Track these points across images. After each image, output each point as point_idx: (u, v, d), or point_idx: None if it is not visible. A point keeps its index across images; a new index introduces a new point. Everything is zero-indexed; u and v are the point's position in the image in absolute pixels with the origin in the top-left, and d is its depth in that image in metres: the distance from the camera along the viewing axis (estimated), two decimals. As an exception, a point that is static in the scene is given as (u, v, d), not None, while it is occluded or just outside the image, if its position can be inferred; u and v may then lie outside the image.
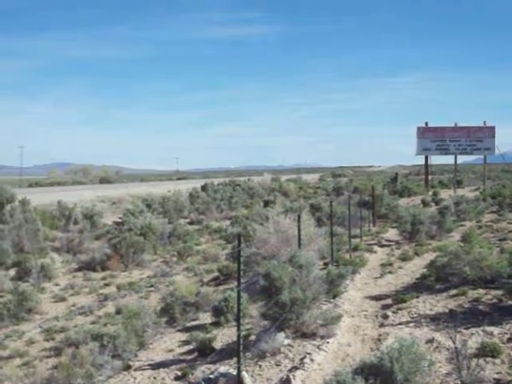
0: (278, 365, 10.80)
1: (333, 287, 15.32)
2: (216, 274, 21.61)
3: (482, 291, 14.08)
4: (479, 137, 54.30)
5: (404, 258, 20.41)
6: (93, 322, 17.06)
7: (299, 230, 15.35)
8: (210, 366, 11.23)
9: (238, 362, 9.70)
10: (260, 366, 10.78)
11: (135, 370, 12.13)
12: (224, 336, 13.35)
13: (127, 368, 12.33)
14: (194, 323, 15.35)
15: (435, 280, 15.76)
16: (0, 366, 14.36)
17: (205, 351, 12.26)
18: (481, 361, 9.32)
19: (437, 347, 10.82)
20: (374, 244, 24.93)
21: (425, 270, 17.36)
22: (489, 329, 11.42)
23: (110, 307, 18.76)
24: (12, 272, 23.97)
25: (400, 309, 13.85)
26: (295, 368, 10.33)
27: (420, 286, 15.83)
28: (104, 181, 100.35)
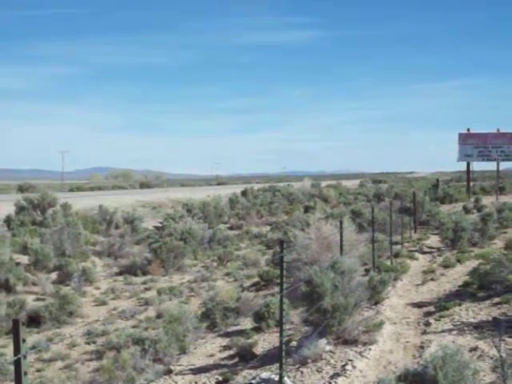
0: (319, 371, 10.74)
1: (374, 294, 15.22)
2: (256, 279, 21.61)
3: (526, 299, 13.90)
4: (523, 143, 53.30)
5: (446, 265, 20.20)
6: (134, 326, 17.17)
7: (341, 236, 15.26)
8: (252, 371, 11.21)
9: (280, 367, 9.68)
10: (301, 372, 10.73)
11: (176, 374, 12.16)
12: (265, 341, 13.33)
13: (168, 372, 12.38)
14: (235, 328, 15.36)
15: (478, 288, 15.58)
16: (42, 369, 14.53)
17: (246, 356, 12.25)
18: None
19: (480, 356, 10.68)
20: (416, 251, 24.72)
21: (467, 277, 17.14)
22: (534, 338, 11.26)
23: (151, 311, 18.87)
24: (54, 275, 24.22)
25: (442, 316, 13.71)
26: (337, 374, 10.27)
27: (463, 294, 15.67)
28: (144, 185, 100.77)
